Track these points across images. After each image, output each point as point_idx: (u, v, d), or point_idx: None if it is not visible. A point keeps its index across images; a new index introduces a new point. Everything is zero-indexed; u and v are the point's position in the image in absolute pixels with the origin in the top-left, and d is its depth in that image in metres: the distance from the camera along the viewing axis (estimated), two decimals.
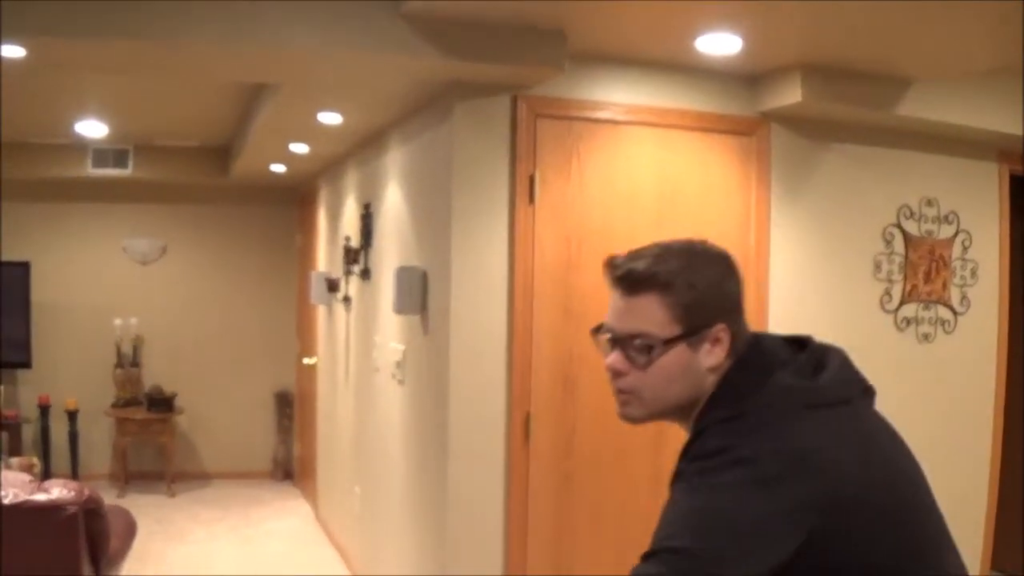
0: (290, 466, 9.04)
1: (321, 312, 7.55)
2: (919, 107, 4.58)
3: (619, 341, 1.70)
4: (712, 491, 1.51)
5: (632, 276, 1.67)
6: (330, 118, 5.20)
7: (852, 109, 4.50)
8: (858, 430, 1.63)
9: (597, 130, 4.34)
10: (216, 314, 8.96)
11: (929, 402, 4.95)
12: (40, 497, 3.83)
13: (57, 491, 3.87)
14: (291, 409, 9.03)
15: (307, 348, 8.24)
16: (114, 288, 8.67)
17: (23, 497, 3.80)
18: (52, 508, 3.81)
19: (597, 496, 4.31)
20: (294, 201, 8.99)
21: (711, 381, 1.68)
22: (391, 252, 5.21)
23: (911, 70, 4.38)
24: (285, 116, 5.29)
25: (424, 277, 4.53)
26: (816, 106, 4.43)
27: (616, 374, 1.71)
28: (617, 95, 4.37)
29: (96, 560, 3.98)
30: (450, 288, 4.17)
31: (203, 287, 8.95)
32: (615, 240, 4.30)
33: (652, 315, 1.65)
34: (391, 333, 5.20)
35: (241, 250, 9.02)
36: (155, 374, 8.63)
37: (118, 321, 8.51)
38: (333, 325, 7.07)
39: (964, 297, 5.09)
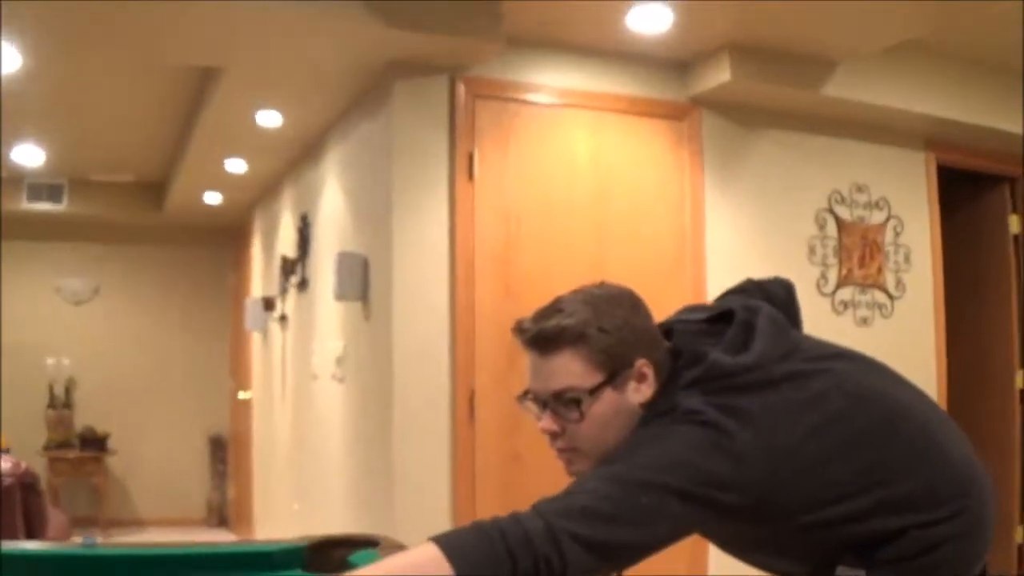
0: (225, 511, 8.83)
1: (256, 342, 7.46)
2: (845, 88, 4.71)
3: (546, 402, 1.70)
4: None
5: (543, 336, 1.67)
6: (269, 118, 5.20)
7: (780, 90, 4.62)
8: (790, 400, 1.64)
9: (534, 112, 4.39)
10: (149, 355, 8.81)
11: None
12: None
13: None
14: (224, 453, 8.86)
15: (241, 384, 8.12)
16: (46, 328, 8.50)
17: None
18: None
19: (545, 473, 4.25)
20: (227, 240, 8.93)
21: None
22: (330, 252, 5.18)
23: (834, 50, 4.52)
24: (224, 118, 5.27)
25: (365, 264, 4.51)
26: (745, 87, 4.54)
27: (553, 436, 1.72)
28: (552, 79, 4.44)
29: (32, 537, 3.84)
30: (392, 269, 4.16)
31: (136, 327, 8.81)
32: (554, 218, 4.36)
33: (571, 369, 1.65)
34: (330, 332, 5.16)
35: (174, 290, 8.93)
36: (87, 415, 8.42)
37: (50, 361, 8.34)
38: (268, 350, 6.98)
39: (899, 282, 5.18)
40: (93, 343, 8.64)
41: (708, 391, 1.62)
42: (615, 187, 4.48)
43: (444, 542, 1.44)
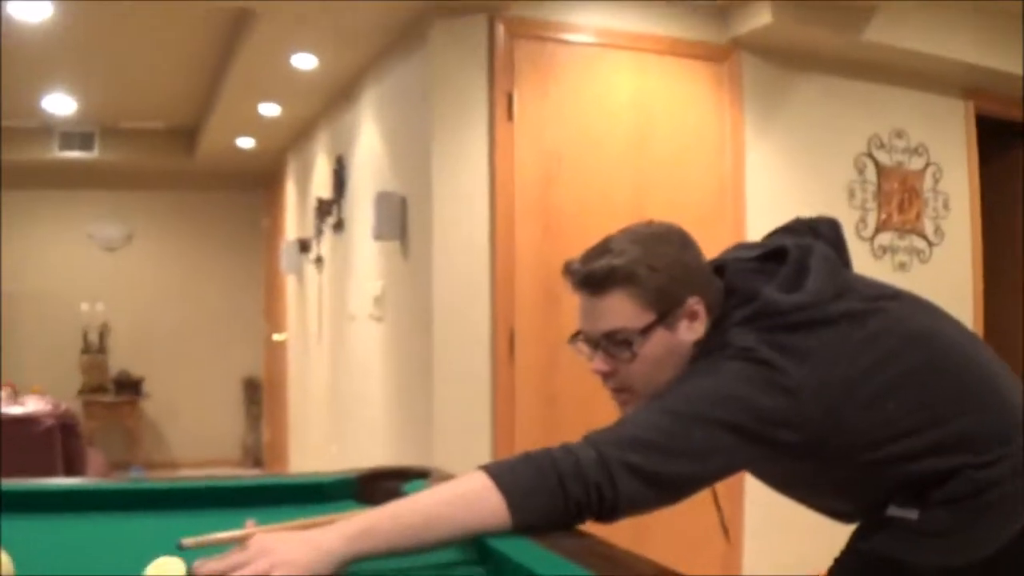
0: (260, 453, 8.92)
1: (291, 285, 7.50)
2: (885, 33, 4.66)
3: (597, 343, 1.70)
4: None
5: (593, 278, 1.67)
6: (305, 61, 5.19)
7: (820, 33, 4.57)
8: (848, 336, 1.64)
9: (573, 52, 4.37)
10: (182, 300, 8.88)
11: None
12: (16, 410, 3.76)
13: (34, 405, 3.81)
14: (259, 396, 8.94)
15: (275, 327, 8.18)
16: (80, 275, 8.58)
17: (0, 410, 3.73)
18: (28, 421, 3.74)
19: (583, 414, 4.29)
20: (260, 184, 8.96)
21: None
22: (367, 193, 5.19)
23: None
24: (259, 61, 5.27)
25: (403, 203, 4.52)
26: (786, 30, 4.50)
27: (605, 376, 1.72)
28: (591, 19, 4.41)
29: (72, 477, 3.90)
30: (432, 209, 4.17)
31: (169, 273, 8.88)
32: (594, 158, 4.35)
33: (622, 310, 1.65)
34: (368, 273, 5.18)
35: (207, 235, 8.98)
36: (121, 360, 8.52)
37: (84, 307, 8.41)
38: (304, 292, 7.03)
39: (938, 228, 5.16)
40: (127, 289, 8.71)
41: (761, 329, 1.61)
42: (655, 128, 4.47)
43: (494, 471, 1.43)
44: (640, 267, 1.64)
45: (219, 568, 1.26)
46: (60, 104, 7.01)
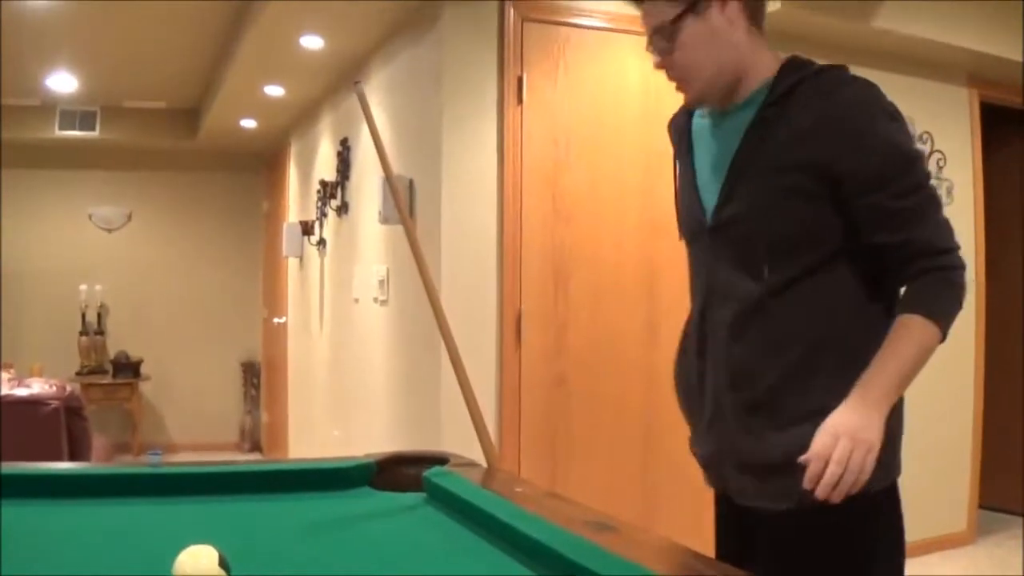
0: (258, 436, 8.93)
1: (292, 268, 7.49)
2: (892, 21, 4.66)
3: (652, 42, 1.90)
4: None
5: None
6: (311, 42, 5.17)
7: (828, 20, 4.56)
8: None
9: (583, 36, 4.35)
10: (182, 281, 8.86)
11: None
12: (21, 392, 3.75)
13: (39, 387, 3.79)
14: (257, 379, 8.94)
15: (276, 311, 8.17)
16: (79, 255, 8.56)
17: (3, 392, 3.71)
18: (33, 403, 3.73)
19: (590, 394, 4.30)
20: (262, 166, 8.94)
21: (752, 59, 1.89)
22: (372, 176, 5.18)
23: None
24: (267, 42, 5.24)
25: (411, 186, 4.51)
26: (794, 16, 4.47)
27: (661, 68, 1.92)
28: (601, 2, 4.39)
29: (77, 461, 3.89)
30: (440, 192, 4.16)
31: (168, 254, 8.85)
32: (603, 141, 4.35)
33: (659, 10, 1.86)
34: (373, 256, 5.17)
35: (207, 217, 8.95)
36: (120, 342, 8.51)
37: (83, 288, 8.39)
38: (306, 276, 7.02)
39: None
40: (126, 270, 8.69)
41: None
42: (664, 112, 4.37)
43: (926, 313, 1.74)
44: None
45: (834, 466, 1.61)
46: (62, 82, 6.97)
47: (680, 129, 2.13)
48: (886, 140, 1.77)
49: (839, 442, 1.62)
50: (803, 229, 1.79)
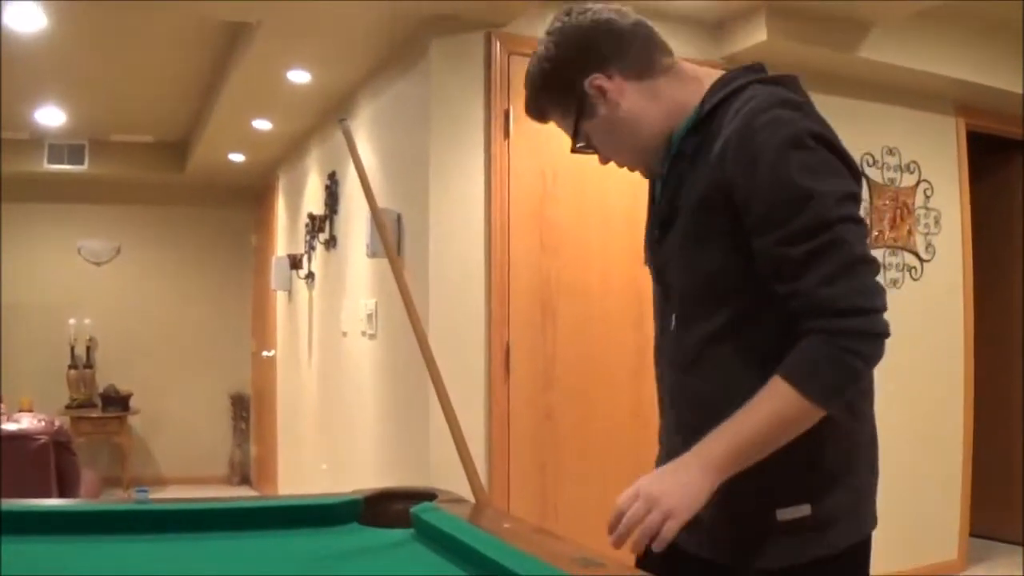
0: (247, 469, 8.89)
1: (280, 301, 7.48)
2: (879, 51, 4.70)
3: (573, 143, 1.90)
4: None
5: (530, 114, 1.92)
6: (300, 77, 5.19)
7: (815, 51, 4.60)
8: None
9: None
10: (171, 315, 8.84)
11: (899, 350, 5.00)
12: (10, 427, 3.73)
13: (27, 422, 3.78)
14: (247, 412, 8.91)
15: (264, 344, 8.15)
16: (68, 288, 8.54)
17: None
18: (22, 438, 3.71)
19: (580, 425, 4.29)
20: (250, 200, 8.94)
21: (673, 103, 1.77)
22: (360, 210, 5.19)
23: (869, 11, 4.50)
24: (255, 76, 5.26)
25: (399, 220, 4.52)
26: (780, 47, 4.52)
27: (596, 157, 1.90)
28: None
29: (65, 496, 3.87)
30: (428, 225, 4.17)
31: (157, 288, 8.83)
32: (589, 173, 4.34)
33: (559, 122, 1.87)
34: (361, 289, 5.17)
35: (196, 251, 8.94)
36: (109, 375, 8.46)
37: (72, 321, 8.36)
38: (294, 309, 7.01)
39: (929, 245, 5.19)
40: (115, 303, 8.67)
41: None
42: None
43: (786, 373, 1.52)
44: (539, 93, 1.84)
45: (622, 526, 1.50)
46: (50, 116, 6.98)
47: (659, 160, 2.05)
48: (775, 171, 1.54)
49: (635, 502, 1.52)
50: (717, 280, 1.66)
